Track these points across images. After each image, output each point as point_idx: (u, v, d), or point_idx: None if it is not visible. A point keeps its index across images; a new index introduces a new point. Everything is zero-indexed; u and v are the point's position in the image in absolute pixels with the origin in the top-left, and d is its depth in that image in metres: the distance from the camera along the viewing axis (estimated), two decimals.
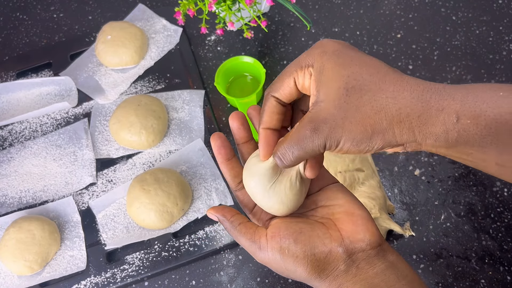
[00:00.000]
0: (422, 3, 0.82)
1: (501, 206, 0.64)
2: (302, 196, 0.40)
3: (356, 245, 0.37)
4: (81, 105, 0.78)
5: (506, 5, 0.81)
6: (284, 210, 0.39)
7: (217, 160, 0.42)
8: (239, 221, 0.40)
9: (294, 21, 0.83)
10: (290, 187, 0.38)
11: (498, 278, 0.60)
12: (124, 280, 0.63)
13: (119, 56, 0.78)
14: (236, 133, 0.42)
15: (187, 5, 0.69)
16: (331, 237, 0.38)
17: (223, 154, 0.41)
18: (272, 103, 0.39)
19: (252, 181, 0.39)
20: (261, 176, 0.38)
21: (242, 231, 0.39)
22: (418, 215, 0.65)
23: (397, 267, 0.37)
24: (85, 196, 0.70)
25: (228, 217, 0.40)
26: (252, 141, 0.42)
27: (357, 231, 0.38)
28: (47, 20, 0.89)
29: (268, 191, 0.39)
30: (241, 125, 0.41)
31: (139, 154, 0.73)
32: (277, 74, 0.77)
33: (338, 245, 0.37)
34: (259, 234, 0.39)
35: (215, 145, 0.41)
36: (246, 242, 0.39)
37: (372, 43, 0.79)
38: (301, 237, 0.38)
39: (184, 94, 0.76)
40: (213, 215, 0.41)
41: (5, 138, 0.76)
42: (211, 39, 0.82)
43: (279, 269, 0.38)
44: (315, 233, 0.38)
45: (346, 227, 0.38)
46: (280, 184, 0.38)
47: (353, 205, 0.40)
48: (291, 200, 0.39)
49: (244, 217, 0.41)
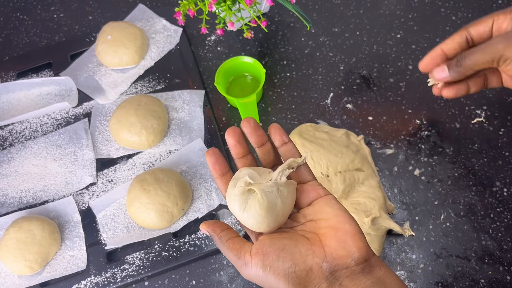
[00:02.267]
0: (422, 3, 0.83)
1: (501, 206, 0.64)
2: (279, 210, 0.40)
3: (339, 261, 0.37)
4: (81, 105, 0.78)
5: (506, 5, 0.81)
6: (264, 226, 0.40)
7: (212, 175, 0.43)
8: (227, 237, 0.40)
9: (294, 21, 0.83)
10: (260, 206, 0.39)
11: (497, 278, 0.60)
12: (124, 280, 0.63)
13: (119, 56, 0.78)
14: (233, 149, 0.42)
15: (187, 5, 0.69)
16: (314, 254, 0.37)
17: (217, 170, 0.42)
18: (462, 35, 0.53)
19: (230, 206, 0.41)
20: (235, 201, 0.40)
21: (230, 246, 0.40)
22: (418, 215, 0.65)
23: (385, 283, 0.36)
24: (85, 196, 0.70)
25: (217, 232, 0.41)
26: (249, 156, 0.43)
27: (341, 247, 0.37)
28: (47, 20, 0.89)
29: (243, 213, 0.40)
30: (237, 142, 0.42)
31: (139, 154, 0.73)
32: (277, 74, 0.78)
33: (320, 261, 0.37)
34: (244, 250, 0.39)
35: (209, 161, 0.42)
36: (232, 257, 0.39)
37: (372, 43, 0.79)
38: (283, 253, 0.37)
39: (184, 94, 0.76)
40: (205, 230, 0.42)
41: (5, 138, 0.76)
42: (211, 39, 0.82)
43: (263, 285, 0.38)
44: (298, 250, 0.37)
45: (330, 243, 0.38)
46: (250, 206, 0.39)
47: (341, 218, 0.39)
48: (264, 216, 0.39)
49: (234, 232, 0.41)
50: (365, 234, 0.61)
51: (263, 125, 0.73)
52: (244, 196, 0.39)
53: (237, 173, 0.41)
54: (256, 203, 0.39)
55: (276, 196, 0.39)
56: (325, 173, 0.64)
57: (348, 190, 0.64)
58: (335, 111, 0.74)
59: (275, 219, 0.40)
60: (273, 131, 0.42)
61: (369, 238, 0.61)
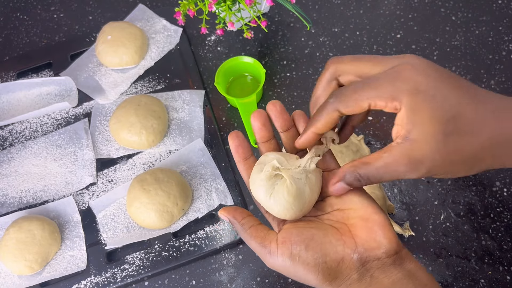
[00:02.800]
0: (422, 3, 0.83)
1: (501, 206, 0.64)
2: (307, 198, 0.39)
3: (370, 253, 0.36)
4: (81, 105, 0.78)
5: (506, 5, 0.81)
6: (290, 214, 0.38)
7: (234, 159, 0.42)
8: (249, 224, 0.39)
9: (294, 21, 0.83)
10: (288, 192, 0.38)
11: (497, 277, 0.60)
12: (124, 279, 0.63)
13: (119, 56, 0.78)
14: (258, 132, 0.41)
15: (187, 5, 0.69)
16: (344, 244, 0.36)
17: (240, 153, 0.41)
18: (333, 116, 0.37)
19: (255, 191, 0.39)
20: (261, 186, 0.38)
21: (253, 234, 0.38)
22: (418, 215, 0.65)
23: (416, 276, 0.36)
24: (85, 196, 0.70)
25: (239, 219, 0.39)
26: (273, 141, 0.42)
27: (372, 238, 0.36)
28: (47, 20, 0.89)
29: (269, 199, 0.38)
30: (263, 125, 0.40)
31: (139, 154, 0.73)
32: (277, 74, 0.78)
33: (351, 252, 0.36)
34: (269, 239, 0.38)
35: (232, 144, 0.41)
36: (256, 246, 0.38)
37: (372, 43, 0.79)
38: (313, 243, 0.36)
39: (184, 94, 0.76)
40: (224, 216, 0.40)
41: (5, 138, 0.76)
42: (211, 39, 0.82)
43: (289, 274, 0.37)
44: (328, 240, 0.37)
45: (360, 234, 0.37)
46: (278, 192, 0.38)
47: (370, 209, 0.38)
48: (292, 203, 0.38)
49: (256, 219, 0.40)
50: None
51: None
52: (270, 182, 0.38)
53: (262, 158, 0.40)
54: (284, 189, 0.38)
55: (305, 183, 0.38)
56: None
57: None
58: None
59: (302, 207, 0.39)
60: (298, 117, 0.41)
61: None
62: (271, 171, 0.38)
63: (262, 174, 0.39)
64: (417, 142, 0.34)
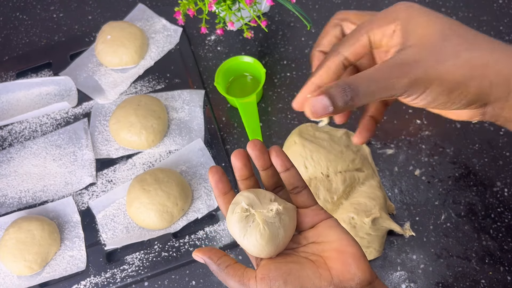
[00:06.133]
0: (422, 3, 0.82)
1: (502, 206, 0.64)
2: (281, 239, 0.39)
3: (345, 284, 0.37)
4: (81, 105, 0.78)
5: (506, 5, 0.81)
6: (264, 254, 0.39)
7: (214, 193, 0.42)
8: (226, 264, 0.39)
9: (294, 21, 0.83)
10: (261, 236, 0.38)
11: (498, 278, 0.60)
12: (124, 280, 0.63)
13: (119, 56, 0.78)
14: (238, 171, 0.41)
15: (187, 5, 0.69)
16: (321, 277, 0.37)
17: (220, 188, 0.42)
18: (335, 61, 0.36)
19: (230, 229, 0.40)
20: (235, 227, 0.39)
21: (230, 273, 0.39)
22: (418, 215, 0.65)
23: None
24: (85, 196, 0.70)
25: (214, 260, 0.39)
26: (252, 178, 0.42)
27: (347, 270, 0.37)
28: (47, 20, 0.89)
29: (243, 240, 0.39)
30: (244, 165, 0.41)
31: (139, 154, 0.73)
32: (277, 74, 0.77)
33: (327, 285, 0.37)
34: (248, 276, 0.38)
35: (212, 179, 0.41)
36: (234, 284, 0.38)
37: None
38: (291, 278, 0.37)
39: (184, 94, 0.76)
40: (199, 258, 0.40)
41: (4, 138, 0.76)
42: (211, 39, 0.82)
43: None
44: (305, 273, 0.37)
45: (335, 266, 0.38)
46: (251, 234, 0.39)
47: (344, 241, 0.39)
48: (265, 246, 0.38)
49: (232, 258, 0.40)
50: (366, 234, 0.61)
51: (263, 125, 0.73)
52: (242, 223, 0.39)
53: (236, 197, 0.41)
54: (257, 232, 0.38)
55: (279, 226, 0.39)
56: (325, 173, 0.64)
57: (348, 190, 0.64)
58: None
59: (276, 247, 0.39)
60: (275, 156, 0.40)
61: (369, 238, 0.61)
62: (241, 213, 0.39)
63: (234, 216, 0.39)
64: (412, 46, 0.33)
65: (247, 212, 0.39)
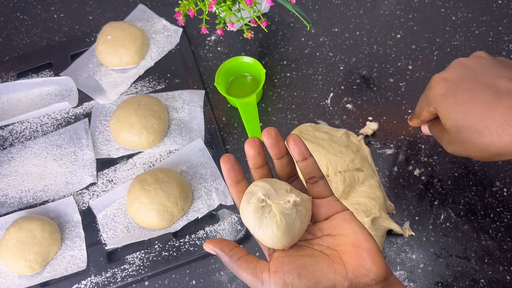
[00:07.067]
0: (422, 4, 0.83)
1: (501, 206, 0.64)
2: (297, 230, 0.39)
3: (360, 280, 0.37)
4: (81, 105, 0.78)
5: (506, 5, 0.81)
6: (279, 246, 0.39)
7: (226, 182, 0.41)
8: (238, 256, 0.39)
9: (294, 21, 0.83)
10: (278, 228, 0.38)
11: (497, 278, 0.60)
12: (124, 279, 0.63)
13: (119, 56, 0.78)
14: (252, 159, 0.41)
15: (187, 5, 0.69)
16: (336, 271, 0.37)
17: (232, 177, 0.41)
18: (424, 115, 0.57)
19: (244, 220, 0.39)
20: (250, 218, 0.39)
21: (243, 265, 0.38)
22: (418, 215, 0.65)
23: None
24: (85, 196, 0.70)
25: (226, 251, 0.39)
26: (266, 166, 0.42)
27: (362, 265, 0.37)
28: (47, 20, 0.89)
29: (258, 231, 0.38)
30: (258, 153, 0.40)
31: (139, 154, 0.73)
32: (277, 74, 0.78)
33: (342, 280, 0.37)
34: (261, 269, 0.38)
35: (224, 167, 0.40)
36: (247, 276, 0.38)
37: (372, 43, 0.79)
38: (305, 271, 0.37)
39: (184, 94, 0.76)
40: (211, 249, 0.40)
41: (5, 138, 0.77)
42: (211, 39, 0.82)
43: None
44: (319, 267, 0.37)
45: (351, 261, 0.37)
46: (267, 225, 0.38)
47: (360, 236, 0.38)
48: (281, 237, 0.38)
49: (243, 250, 0.40)
50: None
51: (263, 125, 0.73)
52: (258, 214, 0.38)
53: (251, 187, 0.40)
54: (274, 223, 0.38)
55: (295, 218, 0.38)
56: (325, 173, 0.64)
57: (348, 190, 0.64)
58: (335, 111, 0.74)
59: (292, 238, 0.39)
60: (293, 145, 0.40)
61: None
62: (257, 203, 0.38)
63: (250, 206, 0.39)
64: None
65: (263, 203, 0.38)
